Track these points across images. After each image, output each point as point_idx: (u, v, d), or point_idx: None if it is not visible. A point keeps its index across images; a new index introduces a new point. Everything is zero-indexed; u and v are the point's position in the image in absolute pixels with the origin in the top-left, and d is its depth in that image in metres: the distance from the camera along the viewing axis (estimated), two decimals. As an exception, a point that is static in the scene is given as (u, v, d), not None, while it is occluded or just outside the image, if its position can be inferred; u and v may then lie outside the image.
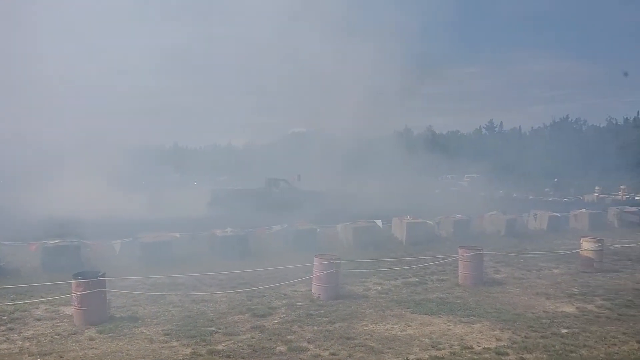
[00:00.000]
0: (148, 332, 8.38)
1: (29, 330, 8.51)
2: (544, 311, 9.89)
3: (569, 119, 79.09)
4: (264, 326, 8.75)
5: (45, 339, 8.07)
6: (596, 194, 40.74)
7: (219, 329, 8.59)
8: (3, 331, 8.42)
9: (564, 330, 8.65)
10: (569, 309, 10.10)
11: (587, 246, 13.73)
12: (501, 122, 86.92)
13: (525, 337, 8.27)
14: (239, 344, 7.86)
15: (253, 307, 9.95)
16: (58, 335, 8.26)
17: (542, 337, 8.28)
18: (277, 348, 7.73)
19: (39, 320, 9.03)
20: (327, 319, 9.19)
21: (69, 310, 9.21)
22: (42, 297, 9.98)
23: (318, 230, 17.21)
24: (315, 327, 8.69)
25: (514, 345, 7.86)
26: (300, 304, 10.25)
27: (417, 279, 12.59)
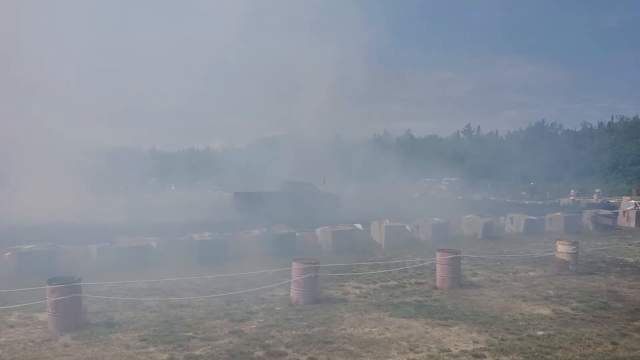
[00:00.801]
0: (124, 338, 8.28)
1: (1, 337, 8.35)
2: (520, 313, 9.99)
3: (545, 124, 79.94)
4: (242, 331, 8.70)
5: (18, 346, 7.92)
6: (571, 197, 41.30)
7: (197, 334, 8.53)
8: (-25, 338, 8.26)
9: (540, 333, 8.74)
10: (545, 311, 10.22)
11: (562, 249, 13.90)
12: (478, 127, 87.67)
13: (502, 339, 8.35)
14: (217, 349, 7.80)
15: (231, 312, 9.89)
16: (31, 342, 8.12)
17: (518, 339, 8.36)
18: (256, 353, 7.69)
19: (11, 327, 8.86)
20: (305, 323, 9.17)
21: (43, 316, 9.06)
22: (15, 304, 9.80)
23: (297, 234, 17.19)
24: (294, 332, 8.66)
25: (491, 348, 7.93)
26: (278, 308, 10.22)
27: (395, 283, 12.64)
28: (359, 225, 18.41)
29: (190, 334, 8.53)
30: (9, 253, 13.20)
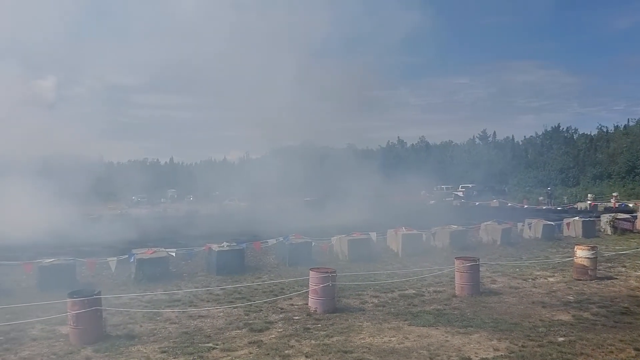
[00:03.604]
0: (145, 350, 8.34)
1: (25, 350, 8.45)
2: (540, 320, 9.91)
3: (561, 128, 79.33)
4: (262, 341, 8.73)
5: (42, 359, 8.02)
6: (589, 202, 40.89)
7: (217, 344, 8.57)
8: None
9: (561, 339, 8.66)
10: (565, 317, 10.13)
11: (581, 254, 13.78)
12: (494, 132, 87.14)
13: (523, 346, 8.28)
14: (237, 360, 7.84)
15: (250, 321, 9.93)
16: (54, 354, 8.21)
17: (539, 345, 8.29)
18: (275, 363, 7.71)
19: (35, 340, 8.97)
20: (324, 332, 9.18)
21: (64, 329, 9.15)
22: (38, 317, 9.92)
23: (313, 243, 17.21)
24: (313, 341, 8.67)
25: (512, 355, 7.87)
26: (297, 317, 10.24)
27: (414, 291, 12.59)
28: (373, 235, 18.36)
29: (210, 344, 8.57)
30: (31, 266, 13.38)
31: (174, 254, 14.97)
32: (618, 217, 25.22)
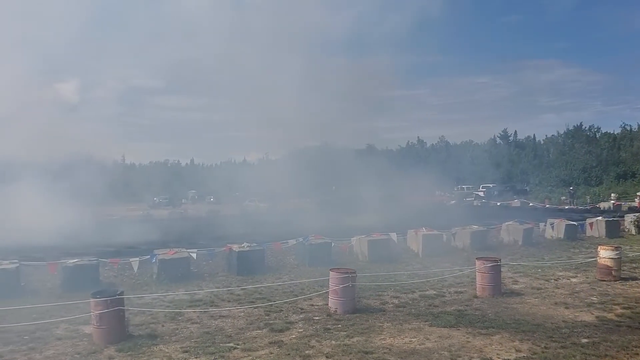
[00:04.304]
0: (167, 350, 8.42)
1: (49, 349, 8.58)
2: (563, 321, 9.80)
3: (583, 127, 78.28)
4: (282, 341, 8.76)
5: (66, 358, 8.13)
6: (612, 201, 40.33)
7: (238, 344, 8.62)
8: (25, 350, 8.50)
9: (584, 340, 8.56)
10: (589, 318, 10.00)
11: (604, 254, 13.59)
12: (515, 131, 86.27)
13: (545, 347, 8.20)
14: (258, 360, 7.88)
15: (271, 322, 9.97)
16: (78, 354, 8.32)
17: (562, 347, 8.20)
18: (296, 363, 7.73)
19: (59, 339, 9.10)
20: (344, 333, 9.18)
21: (88, 329, 9.28)
22: (62, 317, 10.08)
23: (333, 244, 17.22)
24: (334, 342, 8.67)
25: (534, 356, 7.80)
26: (317, 318, 10.25)
27: (434, 292, 12.53)
28: (393, 235, 18.30)
29: (231, 344, 8.62)
30: (55, 267, 13.59)
31: (194, 255, 15.09)
32: (642, 216, 24.87)
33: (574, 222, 22.68)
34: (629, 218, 24.68)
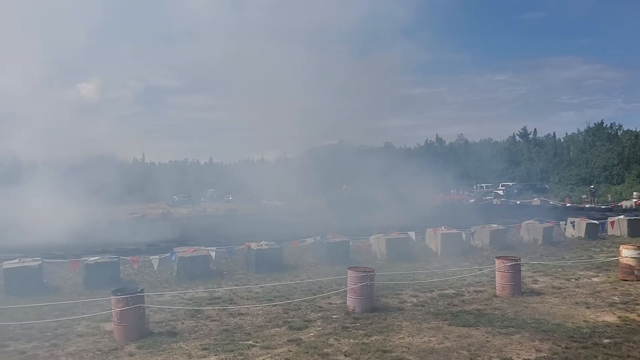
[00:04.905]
0: (186, 347, 8.49)
1: (71, 346, 8.70)
2: (584, 321, 9.69)
3: (604, 124, 77.20)
4: (301, 339, 8.78)
5: (87, 355, 8.24)
6: (634, 200, 39.74)
7: (257, 342, 8.66)
8: (47, 347, 8.63)
9: (606, 341, 8.46)
10: (611, 318, 9.88)
11: (627, 253, 13.41)
12: (535, 129, 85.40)
13: (566, 347, 8.12)
14: (276, 358, 7.90)
15: (289, 320, 10.00)
16: (99, 351, 8.42)
17: (583, 347, 8.11)
18: (315, 361, 7.75)
19: (81, 336, 9.22)
20: (363, 331, 9.17)
21: (109, 326, 9.39)
22: (83, 314, 10.21)
23: (351, 242, 17.21)
24: (352, 340, 8.67)
25: (555, 356, 7.73)
26: (335, 316, 10.26)
27: (453, 291, 12.47)
28: (412, 234, 18.24)
29: (250, 342, 8.66)
30: (76, 264, 13.77)
31: (213, 254, 15.18)
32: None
33: (595, 221, 22.39)
34: (652, 217, 24.29)
